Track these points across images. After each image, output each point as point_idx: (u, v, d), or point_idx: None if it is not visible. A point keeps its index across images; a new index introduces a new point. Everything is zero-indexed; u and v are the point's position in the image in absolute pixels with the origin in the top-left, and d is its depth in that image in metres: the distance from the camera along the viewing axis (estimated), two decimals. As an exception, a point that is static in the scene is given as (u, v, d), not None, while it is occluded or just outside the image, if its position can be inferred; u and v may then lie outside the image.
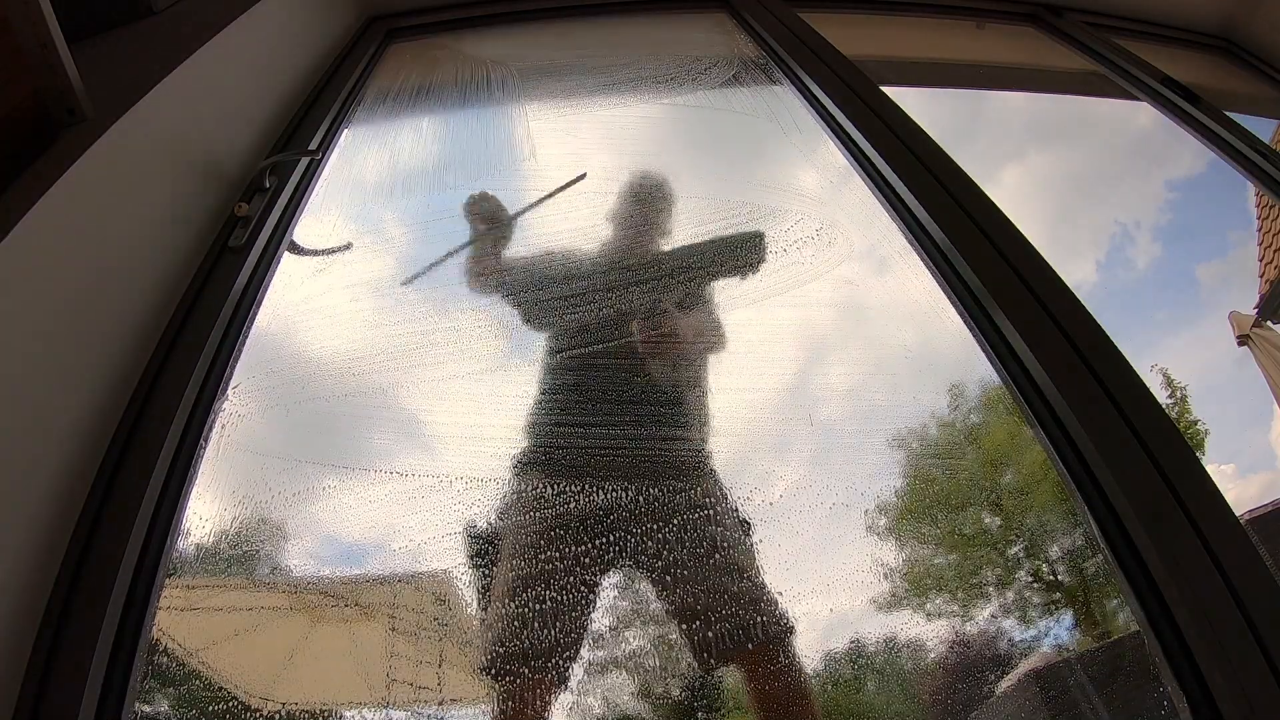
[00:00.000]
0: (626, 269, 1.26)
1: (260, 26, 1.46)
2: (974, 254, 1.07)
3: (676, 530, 0.94)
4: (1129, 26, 2.24)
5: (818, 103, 1.49)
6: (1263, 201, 1.90)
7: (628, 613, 0.91)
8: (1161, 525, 0.77)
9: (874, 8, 2.11)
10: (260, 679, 0.83)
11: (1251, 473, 1.27)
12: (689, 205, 1.40)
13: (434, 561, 0.91)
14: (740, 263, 1.27)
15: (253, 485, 0.95)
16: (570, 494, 0.96)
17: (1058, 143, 2.02)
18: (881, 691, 0.86)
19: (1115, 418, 0.85)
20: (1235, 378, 1.59)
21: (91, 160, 0.94)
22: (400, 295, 1.25)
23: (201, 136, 1.23)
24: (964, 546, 0.98)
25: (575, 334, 1.15)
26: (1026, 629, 0.93)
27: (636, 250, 1.32)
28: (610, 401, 1.08)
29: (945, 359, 1.10)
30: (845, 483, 0.96)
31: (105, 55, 1.22)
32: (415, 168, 1.53)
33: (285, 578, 0.92)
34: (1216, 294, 1.70)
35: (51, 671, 0.72)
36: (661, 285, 1.24)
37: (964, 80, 2.17)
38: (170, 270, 1.08)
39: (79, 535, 0.81)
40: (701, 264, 1.28)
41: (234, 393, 1.02)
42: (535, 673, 0.85)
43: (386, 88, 1.73)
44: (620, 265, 1.28)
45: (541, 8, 1.96)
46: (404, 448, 1.03)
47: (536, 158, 1.52)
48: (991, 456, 1.04)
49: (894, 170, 1.24)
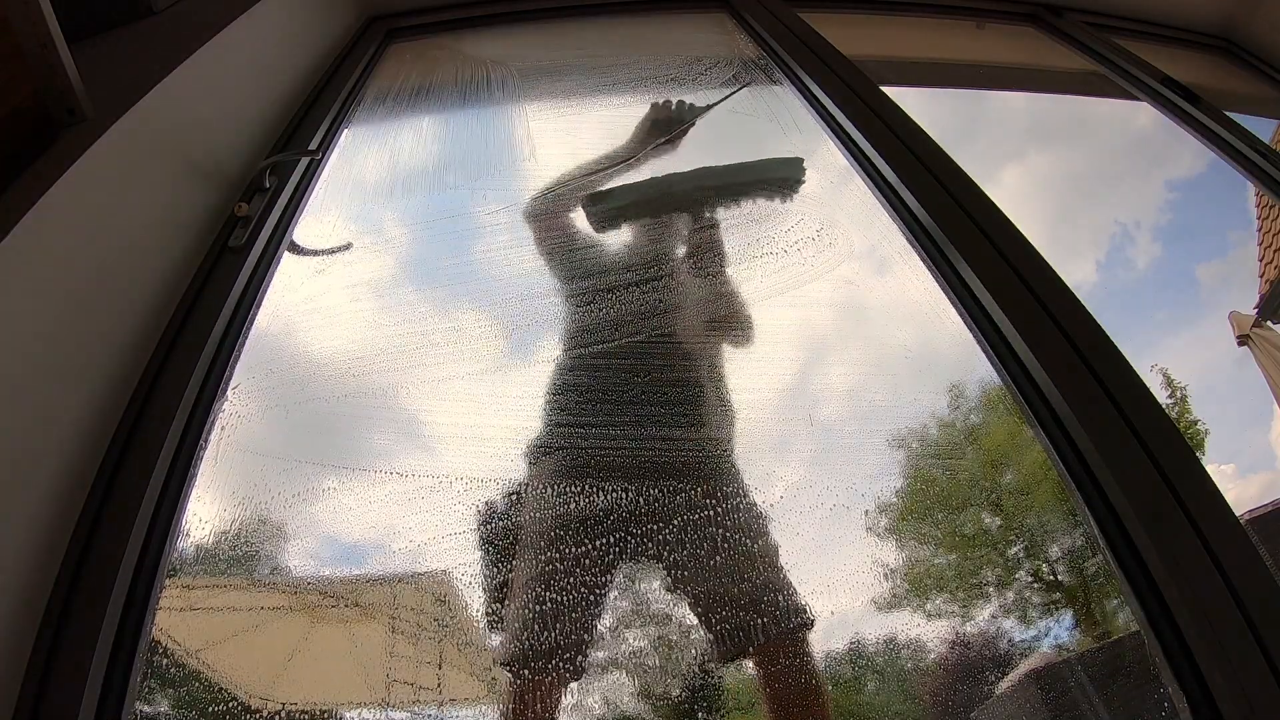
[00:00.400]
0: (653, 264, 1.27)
1: (260, 26, 1.46)
2: (974, 254, 1.07)
3: (698, 525, 0.94)
4: (1129, 26, 2.24)
5: (818, 103, 1.49)
6: (1263, 201, 1.90)
7: (650, 606, 0.92)
8: (1161, 525, 0.77)
9: (874, 8, 2.11)
10: (260, 679, 0.83)
11: (1251, 473, 1.27)
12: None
13: (434, 561, 0.91)
14: (781, 182, 1.34)
15: (253, 485, 0.95)
16: (599, 490, 0.97)
17: (1058, 143, 2.02)
18: (882, 691, 0.86)
19: (1115, 418, 0.85)
20: (1235, 378, 1.59)
21: (91, 160, 0.94)
22: (400, 295, 1.26)
23: (201, 136, 1.23)
24: (964, 547, 0.98)
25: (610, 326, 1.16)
26: (1026, 629, 0.93)
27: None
28: (616, 403, 1.08)
29: (945, 359, 1.10)
30: (845, 483, 0.96)
31: (105, 55, 1.22)
32: (415, 168, 1.53)
33: (285, 578, 0.92)
34: (1216, 294, 1.70)
35: (51, 671, 0.72)
36: (702, 202, 1.29)
37: (964, 80, 2.17)
38: (170, 270, 1.08)
39: (79, 535, 0.81)
40: (742, 180, 1.34)
41: (234, 393, 1.02)
42: (558, 665, 0.86)
43: (386, 88, 1.73)
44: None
45: (541, 8, 1.96)
46: (404, 448, 1.03)
47: (536, 158, 1.52)
48: (991, 456, 1.04)
49: (894, 170, 1.24)
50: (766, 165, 1.39)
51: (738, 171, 1.39)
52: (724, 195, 1.35)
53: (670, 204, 1.36)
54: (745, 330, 1.20)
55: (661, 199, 1.37)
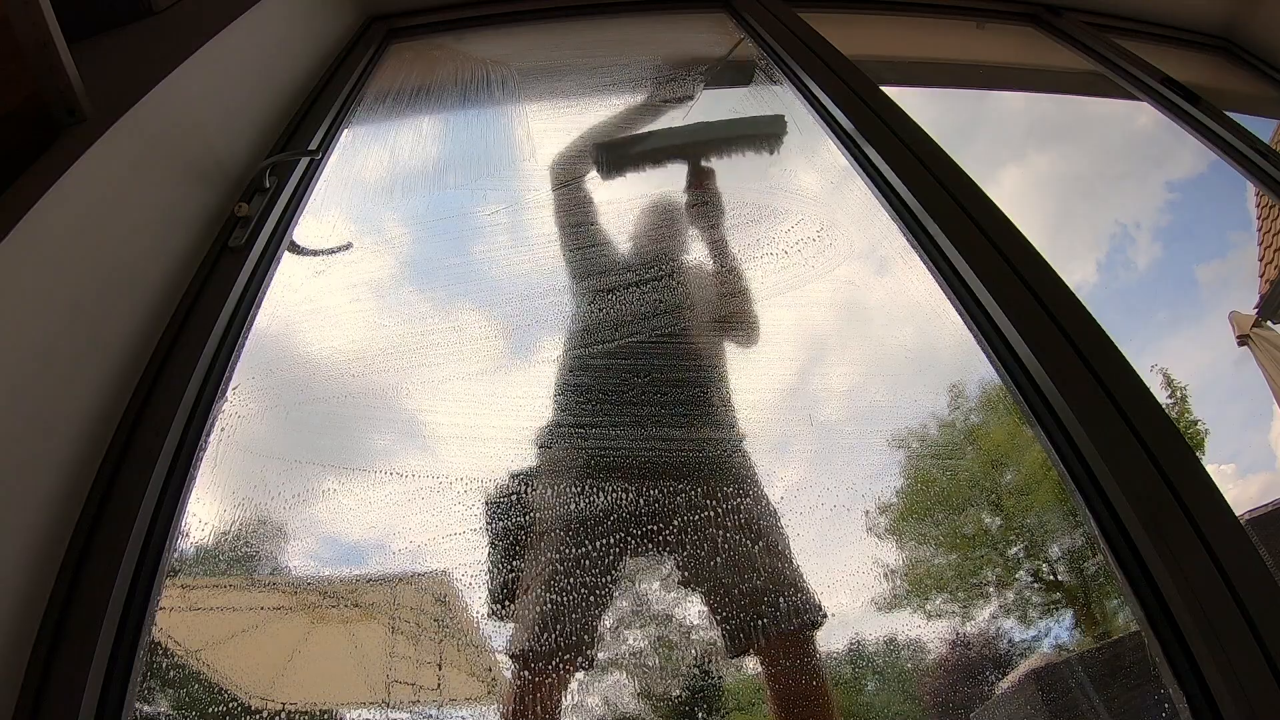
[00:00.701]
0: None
1: (260, 26, 1.46)
2: (974, 254, 1.07)
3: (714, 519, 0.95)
4: (1129, 26, 2.24)
5: (818, 103, 1.49)
6: (1263, 201, 1.90)
7: (659, 602, 0.92)
8: (1161, 525, 0.77)
9: (874, 8, 2.11)
10: (260, 679, 0.83)
11: (1251, 473, 1.27)
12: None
13: (434, 562, 0.91)
14: (767, 136, 1.49)
15: (253, 486, 0.95)
16: (603, 488, 0.97)
17: (1058, 143, 2.02)
18: (882, 691, 0.86)
19: (1115, 418, 0.85)
20: (1235, 378, 1.59)
21: (91, 160, 0.94)
22: (400, 295, 1.26)
23: (201, 136, 1.23)
24: (964, 546, 0.98)
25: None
26: (1026, 629, 0.93)
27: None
28: (618, 402, 1.08)
29: (945, 359, 1.10)
30: (845, 483, 0.96)
31: (105, 55, 1.22)
32: (415, 168, 1.53)
33: (285, 578, 0.92)
34: (1216, 294, 1.70)
35: (51, 671, 0.72)
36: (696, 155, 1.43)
37: (964, 80, 2.17)
38: (170, 270, 1.08)
39: (79, 535, 0.81)
40: (731, 135, 1.49)
41: (234, 393, 1.02)
42: (569, 656, 0.86)
43: (386, 88, 1.73)
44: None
45: (541, 8, 1.96)
46: (404, 448, 1.03)
47: (537, 158, 1.52)
48: (991, 456, 1.04)
49: (894, 170, 1.24)
50: (752, 122, 1.56)
51: (726, 127, 1.56)
52: (715, 148, 1.49)
53: (668, 154, 1.51)
54: (750, 330, 1.21)
55: (662, 150, 1.52)
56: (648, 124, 1.58)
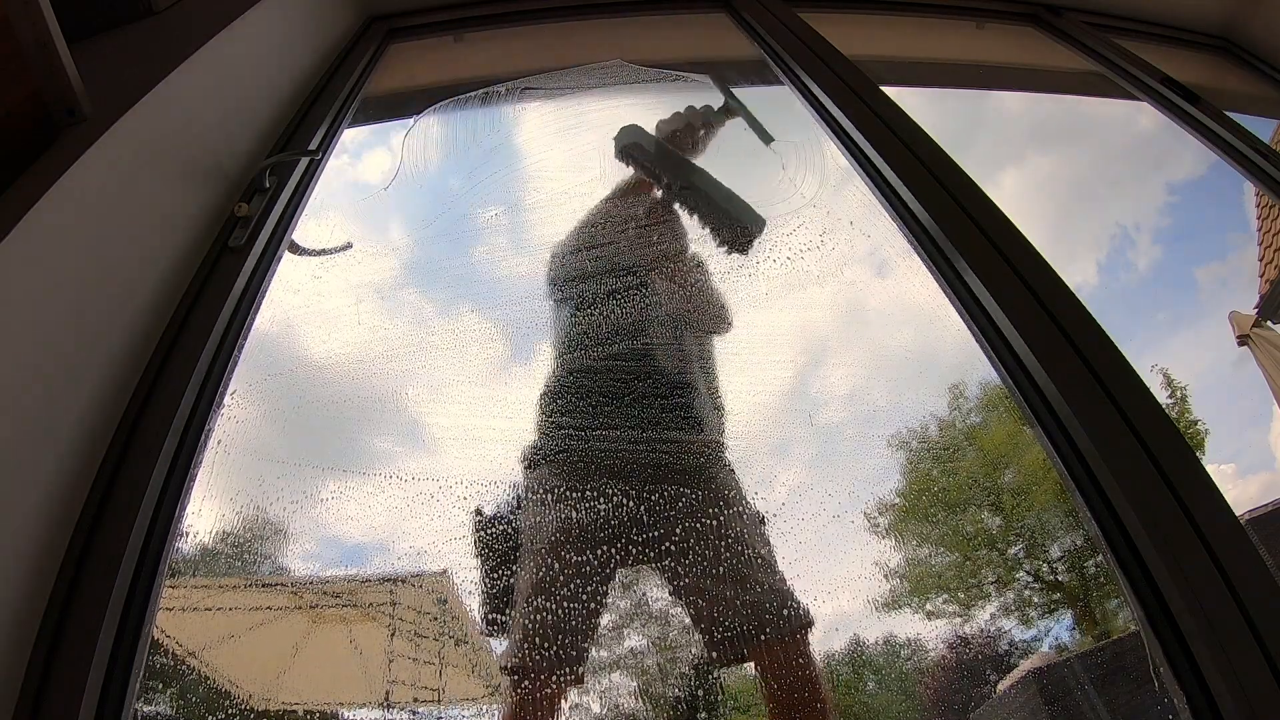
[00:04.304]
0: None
1: (260, 26, 1.46)
2: (974, 254, 1.07)
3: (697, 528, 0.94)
4: (1129, 26, 2.24)
5: (818, 103, 1.49)
6: (1263, 202, 1.90)
7: (651, 610, 0.92)
8: (1161, 525, 0.77)
9: (874, 8, 2.11)
10: (260, 679, 0.83)
11: (1251, 473, 1.27)
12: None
13: (435, 563, 0.91)
14: (741, 227, 1.37)
15: (252, 486, 0.95)
16: (600, 494, 0.97)
17: (1058, 143, 2.02)
18: (883, 691, 0.86)
19: (1115, 418, 0.85)
20: (1235, 378, 1.59)
21: (91, 160, 0.94)
22: (401, 298, 1.26)
23: (201, 136, 1.23)
24: (964, 546, 0.98)
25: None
26: (1027, 629, 0.93)
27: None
28: (618, 405, 1.08)
29: (945, 360, 1.10)
30: (846, 484, 0.96)
31: (105, 55, 1.22)
32: (415, 168, 1.53)
33: (286, 578, 0.92)
34: (1216, 294, 1.70)
35: (51, 671, 0.72)
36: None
37: (964, 80, 2.17)
38: (170, 270, 1.08)
39: (79, 535, 0.81)
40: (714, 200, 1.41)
41: (233, 395, 1.02)
42: (561, 669, 0.86)
43: (386, 88, 1.73)
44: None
45: (541, 8, 1.96)
46: (405, 450, 1.03)
47: (536, 158, 1.52)
48: (991, 456, 1.04)
49: (894, 170, 1.24)
50: (738, 203, 1.41)
51: (716, 189, 1.43)
52: (692, 202, 1.42)
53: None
54: (722, 316, 1.21)
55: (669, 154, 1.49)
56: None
